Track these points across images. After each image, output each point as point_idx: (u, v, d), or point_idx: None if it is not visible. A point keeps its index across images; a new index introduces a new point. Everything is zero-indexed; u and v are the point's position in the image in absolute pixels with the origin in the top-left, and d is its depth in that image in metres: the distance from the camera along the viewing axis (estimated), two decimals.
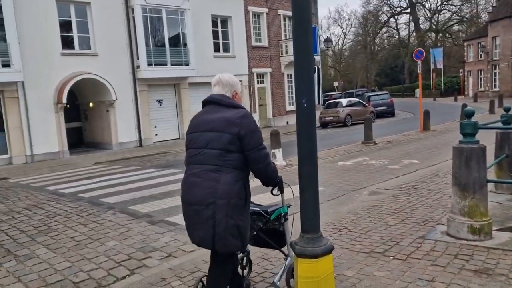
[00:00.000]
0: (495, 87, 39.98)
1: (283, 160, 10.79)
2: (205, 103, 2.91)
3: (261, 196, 6.25)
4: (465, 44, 48.27)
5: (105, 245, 5.06)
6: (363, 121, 15.07)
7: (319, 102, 11.42)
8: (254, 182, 2.94)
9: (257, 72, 24.84)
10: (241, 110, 2.78)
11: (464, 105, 19.60)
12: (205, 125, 2.79)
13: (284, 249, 3.38)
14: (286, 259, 3.36)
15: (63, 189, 9.18)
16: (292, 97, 25.75)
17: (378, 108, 27.09)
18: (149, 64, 18.77)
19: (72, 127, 19.86)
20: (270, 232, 3.30)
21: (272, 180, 2.95)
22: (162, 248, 4.88)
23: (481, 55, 43.04)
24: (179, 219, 6.07)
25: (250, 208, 3.01)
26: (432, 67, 48.51)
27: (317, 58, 27.09)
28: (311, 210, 2.64)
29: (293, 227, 3.39)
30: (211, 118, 2.78)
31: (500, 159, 5.86)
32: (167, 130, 20.91)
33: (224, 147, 2.68)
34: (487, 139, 5.39)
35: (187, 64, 20.38)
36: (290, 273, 3.29)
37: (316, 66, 10.80)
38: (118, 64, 18.26)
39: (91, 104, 19.38)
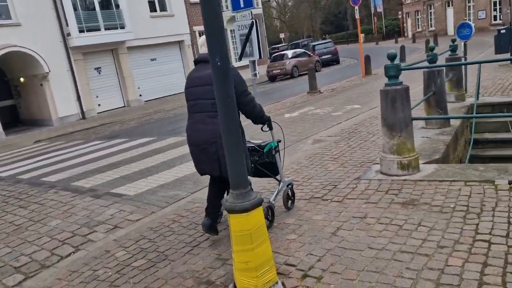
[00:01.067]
0: (431, 27, 41.27)
1: None
2: (196, 62, 3.56)
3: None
4: None
5: (47, 226, 4.94)
6: None
7: (260, 56, 11.37)
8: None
9: (199, 30, 24.09)
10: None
11: (402, 47, 20.20)
12: (198, 80, 3.45)
13: (278, 176, 4.15)
14: (279, 184, 4.14)
15: (0, 173, 8.74)
16: (236, 53, 25.31)
17: (323, 57, 27.36)
18: (81, 31, 17.70)
19: (4, 105, 18.66)
20: (266, 165, 4.07)
21: (260, 119, 3.66)
22: (107, 221, 4.83)
23: None
24: (125, 189, 6.02)
25: (247, 145, 3.79)
26: (373, 11, 49.11)
27: (255, 11, 26.64)
28: (238, 166, 2.68)
29: (284, 159, 4.32)
30: (202, 74, 3.41)
31: (427, 96, 6.16)
32: (110, 99, 20.15)
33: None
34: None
35: (122, 27, 19.42)
36: (285, 196, 4.11)
37: (252, 20, 10.65)
38: (45, 32, 17.06)
39: (22, 79, 18.19)
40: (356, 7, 16.19)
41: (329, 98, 12.45)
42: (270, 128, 3.89)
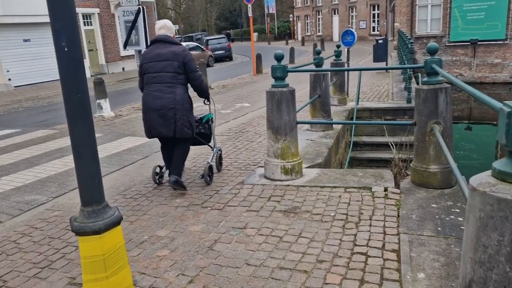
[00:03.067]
0: (319, 32, 43.85)
1: (111, 111, 9.86)
2: (154, 41, 4.19)
3: None
4: None
5: None
6: None
7: (147, 46, 10.58)
8: None
9: (82, 12, 22.00)
10: (181, 46, 4.21)
11: (292, 49, 20.91)
12: (159, 56, 4.07)
13: (211, 144, 4.94)
14: (213, 150, 4.90)
15: None
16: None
17: (216, 52, 27.16)
18: None
19: None
20: (201, 134, 4.75)
21: (205, 93, 4.49)
22: None
23: (307, 1, 46.25)
24: None
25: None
26: (266, 11, 50.48)
27: None
28: (90, 177, 2.17)
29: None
30: (163, 52, 4.08)
31: (313, 99, 6.20)
32: None
33: (174, 70, 4.06)
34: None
35: None
36: (217, 159, 4.92)
37: (139, 6, 9.86)
38: None
39: None
40: (249, 5, 16.21)
41: (220, 95, 12.19)
42: (209, 101, 4.72)
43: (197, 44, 26.29)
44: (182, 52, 4.10)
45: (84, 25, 22.35)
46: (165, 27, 4.22)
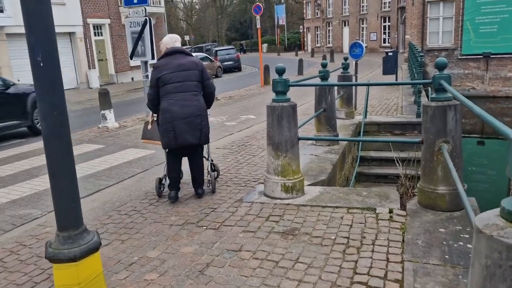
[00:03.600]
0: (329, 43, 43.77)
1: (115, 122, 9.79)
2: (172, 52, 4.28)
3: None
4: (304, 1, 51.29)
5: None
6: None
7: (153, 57, 10.54)
8: None
9: (93, 23, 22.25)
10: (196, 57, 4.51)
11: (301, 60, 20.80)
12: (181, 66, 4.20)
13: (206, 154, 4.87)
14: (207, 160, 4.91)
15: None
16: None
17: (225, 63, 27.19)
18: None
19: None
20: None
21: (212, 102, 4.59)
22: None
23: (317, 13, 46.30)
24: None
25: None
26: (276, 23, 50.61)
27: (157, 10, 25.53)
28: (67, 200, 2.03)
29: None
30: (184, 62, 4.24)
31: (317, 113, 6.03)
32: None
33: (197, 79, 4.25)
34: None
35: (1, 11, 17.02)
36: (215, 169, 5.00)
37: (146, 17, 9.83)
38: None
39: None
40: (258, 17, 16.17)
41: (226, 106, 12.08)
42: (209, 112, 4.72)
43: (206, 55, 26.35)
44: (199, 61, 4.39)
45: (95, 35, 22.54)
46: (178, 40, 4.45)
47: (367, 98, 8.88)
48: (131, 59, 10.39)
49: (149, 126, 4.73)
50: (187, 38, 53.85)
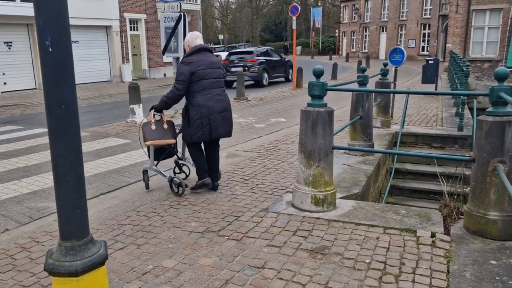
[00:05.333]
0: (364, 49, 42.85)
1: (144, 117, 9.67)
2: (202, 49, 4.37)
3: None
4: (342, 5, 50.48)
5: None
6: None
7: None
8: None
9: (129, 17, 22.45)
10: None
11: (335, 64, 20.29)
12: (213, 64, 4.37)
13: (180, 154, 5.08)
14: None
15: None
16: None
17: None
18: None
19: None
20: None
21: None
22: None
23: (354, 17, 45.45)
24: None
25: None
26: (312, 25, 50.00)
27: (193, 7, 25.53)
28: (71, 207, 1.78)
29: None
30: (214, 60, 4.43)
31: (353, 120, 5.66)
32: (20, 79, 17.91)
33: (222, 77, 4.50)
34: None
35: None
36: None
37: (180, 13, 9.69)
38: None
39: None
40: (294, 18, 15.83)
41: (255, 107, 11.81)
42: None
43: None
44: (220, 60, 4.71)
45: (131, 30, 22.75)
46: (199, 37, 4.51)
47: (405, 107, 8.41)
48: (163, 54, 10.28)
49: (153, 127, 4.49)
50: (221, 37, 53.98)
